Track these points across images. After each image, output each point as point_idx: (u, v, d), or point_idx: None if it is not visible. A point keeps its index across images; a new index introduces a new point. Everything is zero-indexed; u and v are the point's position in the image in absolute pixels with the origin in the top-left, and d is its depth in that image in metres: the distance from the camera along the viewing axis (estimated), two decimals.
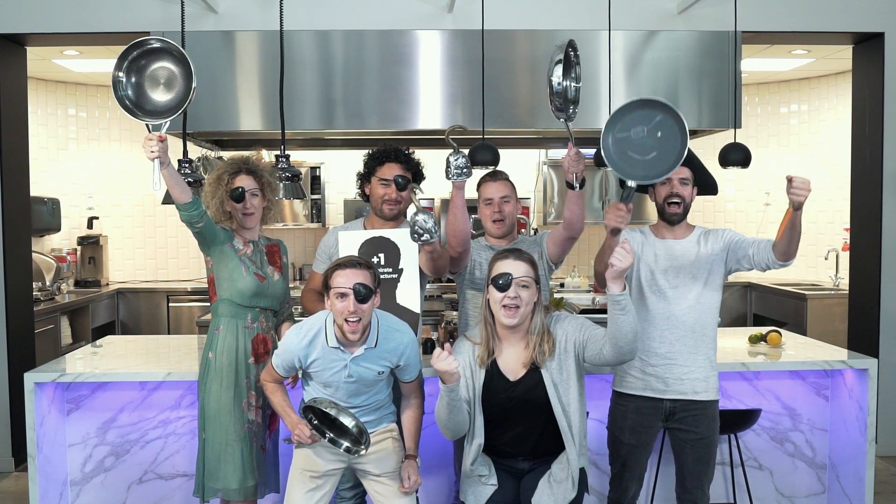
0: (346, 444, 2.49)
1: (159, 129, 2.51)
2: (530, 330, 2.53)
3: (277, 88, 3.31)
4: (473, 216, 3.96)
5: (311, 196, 6.45)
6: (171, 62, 2.58)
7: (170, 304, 6.23)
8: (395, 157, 2.99)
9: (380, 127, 4.17)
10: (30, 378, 3.08)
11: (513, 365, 2.54)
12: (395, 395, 2.75)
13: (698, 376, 2.69)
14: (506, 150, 3.48)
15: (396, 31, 4.16)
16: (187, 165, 3.24)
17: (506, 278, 2.48)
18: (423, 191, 2.76)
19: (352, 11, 4.29)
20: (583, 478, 2.56)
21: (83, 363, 3.35)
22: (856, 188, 4.74)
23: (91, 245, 6.43)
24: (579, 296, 5.67)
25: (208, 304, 2.97)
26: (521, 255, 2.55)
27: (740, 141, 3.52)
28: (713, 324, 2.74)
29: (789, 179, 2.42)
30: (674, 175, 2.70)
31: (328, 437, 2.49)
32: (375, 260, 2.88)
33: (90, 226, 6.53)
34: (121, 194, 6.76)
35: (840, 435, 3.43)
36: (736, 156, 3.44)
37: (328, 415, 2.43)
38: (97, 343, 3.82)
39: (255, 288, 2.83)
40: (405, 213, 3.08)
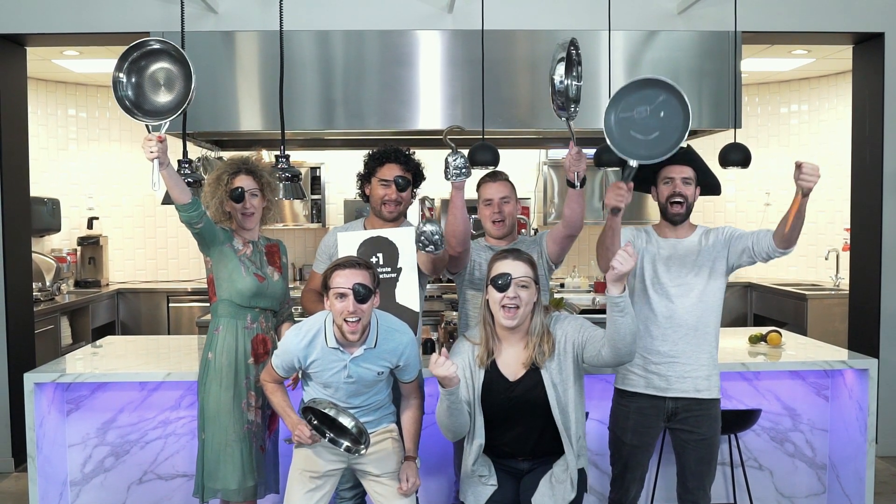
0: (346, 443, 2.49)
1: (159, 129, 2.52)
2: (530, 330, 2.53)
3: (277, 89, 3.31)
4: (473, 216, 3.95)
5: (312, 196, 6.45)
6: (170, 63, 2.59)
7: (170, 305, 6.23)
8: (396, 158, 2.99)
9: (380, 127, 4.17)
10: (30, 378, 3.08)
11: (512, 365, 2.54)
12: (395, 395, 2.75)
13: (700, 375, 2.69)
14: (506, 151, 3.47)
15: (396, 32, 4.15)
16: (187, 166, 3.24)
17: (505, 279, 2.47)
18: (432, 199, 2.75)
19: (352, 11, 4.29)
20: (582, 478, 2.55)
21: (83, 363, 3.35)
22: (856, 188, 4.74)
23: (91, 245, 6.43)
24: (579, 296, 5.67)
25: (208, 304, 2.97)
26: (520, 255, 2.55)
27: (740, 141, 3.52)
28: (716, 322, 2.73)
29: (798, 165, 2.40)
30: (677, 175, 2.70)
31: (328, 437, 2.49)
32: (374, 260, 2.88)
33: (90, 226, 6.53)
34: (121, 195, 6.76)
35: (840, 435, 3.43)
36: (736, 156, 3.44)
37: (328, 415, 2.43)
38: (97, 343, 3.82)
39: (255, 288, 2.83)
40: (405, 214, 3.08)
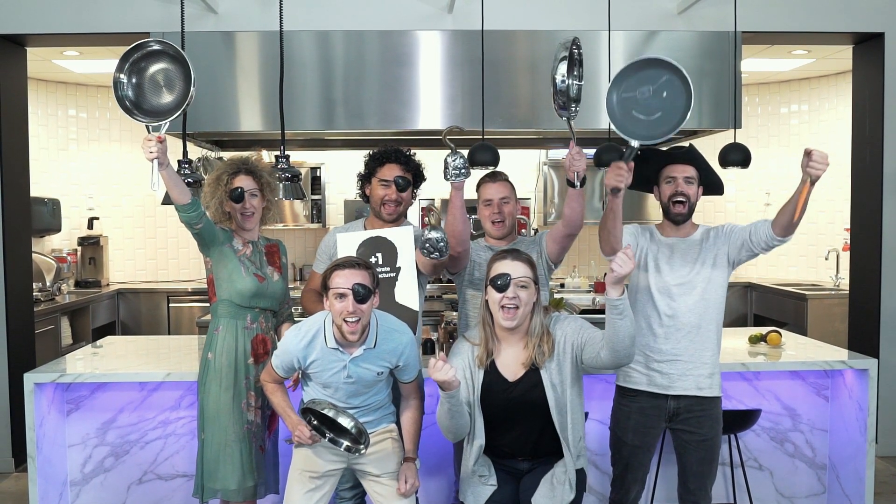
0: (345, 443, 2.49)
1: (158, 129, 2.51)
2: (529, 331, 2.53)
3: (277, 89, 3.31)
4: (473, 216, 3.94)
5: (312, 196, 6.45)
6: (170, 63, 2.59)
7: (170, 305, 6.23)
8: (396, 158, 2.99)
9: (380, 127, 4.17)
10: (29, 378, 3.08)
11: (511, 366, 2.54)
12: (395, 395, 2.74)
13: (703, 373, 2.69)
14: (506, 151, 3.47)
15: (396, 32, 4.15)
16: (187, 166, 3.24)
17: (504, 279, 2.47)
18: (438, 212, 2.74)
19: (352, 12, 4.29)
20: (581, 478, 2.55)
21: (83, 364, 3.35)
22: (856, 188, 4.73)
23: (91, 245, 6.43)
24: (579, 296, 5.67)
25: (208, 304, 2.96)
26: (519, 255, 2.54)
27: (741, 141, 3.52)
28: (718, 321, 2.73)
29: (808, 153, 2.40)
30: (679, 174, 2.70)
31: (328, 437, 2.49)
32: (373, 259, 2.88)
33: (90, 226, 6.53)
34: (121, 195, 6.76)
35: (840, 435, 3.43)
36: (736, 156, 3.44)
37: (327, 416, 2.43)
38: (97, 343, 3.83)
39: (255, 288, 2.83)
40: (405, 215, 3.08)
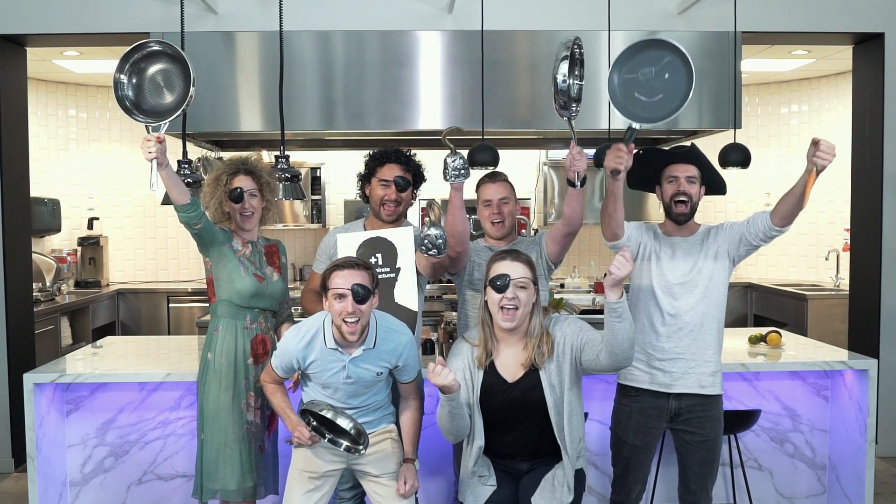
0: (345, 443, 2.49)
1: (158, 129, 2.52)
2: (529, 331, 2.52)
3: (277, 89, 3.31)
4: (473, 217, 3.94)
5: (312, 197, 6.45)
6: (170, 64, 2.59)
7: (170, 305, 6.23)
8: (396, 158, 2.99)
9: (380, 127, 4.17)
10: (29, 379, 3.08)
11: (511, 367, 2.53)
12: (395, 395, 2.74)
13: (706, 371, 2.69)
14: (506, 151, 3.47)
15: (396, 32, 4.15)
16: (187, 166, 3.24)
17: (503, 280, 2.47)
18: (438, 205, 2.74)
19: (352, 12, 4.29)
20: (580, 479, 2.55)
21: (83, 364, 3.35)
22: (856, 188, 4.73)
23: (91, 246, 6.43)
24: (579, 296, 5.67)
25: (208, 304, 2.96)
26: (518, 256, 2.54)
27: (741, 141, 3.53)
28: (720, 318, 2.73)
29: (816, 142, 2.39)
30: (681, 173, 2.70)
31: (327, 438, 2.49)
32: (373, 260, 2.88)
33: (90, 226, 6.53)
34: (121, 195, 6.76)
35: (840, 435, 3.43)
36: (736, 156, 3.44)
37: (325, 417, 2.43)
38: (97, 343, 3.83)
39: (254, 288, 2.83)
40: (405, 215, 3.07)
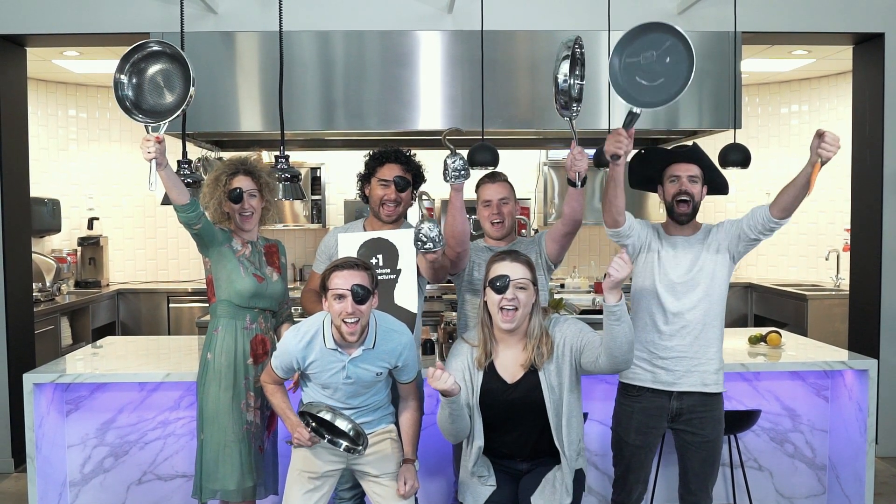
0: (345, 443, 2.48)
1: (157, 129, 2.51)
2: (528, 332, 2.52)
3: (277, 89, 3.31)
4: (472, 217, 3.93)
5: (312, 197, 6.44)
6: (170, 64, 2.59)
7: (170, 305, 6.22)
8: (395, 158, 2.99)
9: (380, 128, 4.16)
10: (29, 379, 3.08)
11: (510, 368, 2.53)
12: (395, 395, 2.74)
13: (709, 369, 2.69)
14: (506, 151, 3.47)
15: (396, 32, 4.15)
16: (186, 166, 3.24)
17: (503, 280, 2.47)
18: (431, 198, 2.74)
19: (352, 12, 4.29)
20: (579, 479, 2.55)
21: (83, 364, 3.35)
22: (856, 188, 4.73)
23: (91, 246, 6.42)
24: (579, 296, 5.66)
25: (208, 304, 2.96)
26: (517, 256, 2.54)
27: (741, 141, 3.52)
28: (721, 316, 2.74)
29: (821, 134, 2.40)
30: (683, 173, 2.70)
31: (327, 438, 2.49)
32: (374, 261, 2.87)
33: (90, 227, 6.53)
34: (121, 195, 6.76)
35: (840, 436, 3.42)
36: (735, 156, 3.44)
37: (324, 419, 2.43)
38: (97, 344, 3.82)
39: (254, 289, 2.83)
40: (405, 215, 3.07)
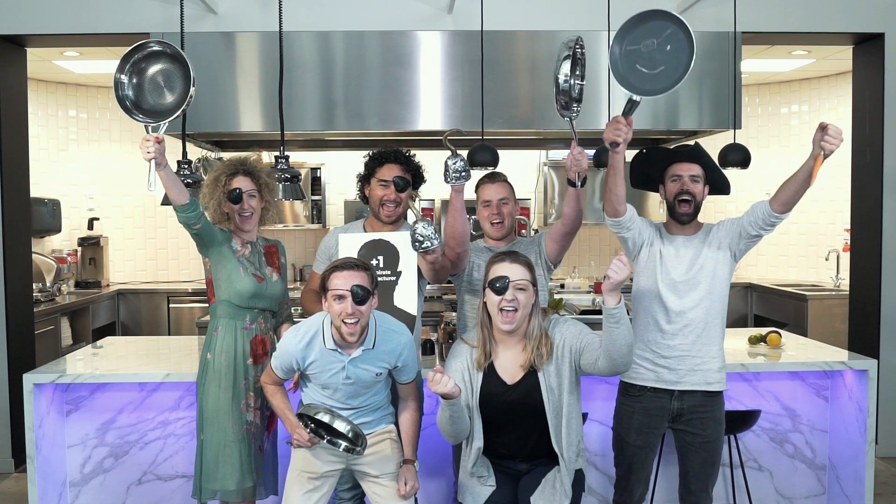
0: (344, 444, 2.49)
1: (157, 130, 2.51)
2: (528, 333, 2.52)
3: (277, 89, 3.31)
4: (472, 217, 3.94)
5: (312, 197, 6.44)
6: (171, 64, 2.59)
7: (170, 305, 6.22)
8: (395, 159, 2.99)
9: (380, 128, 4.17)
10: (29, 379, 3.08)
11: (510, 368, 2.53)
12: (394, 395, 2.74)
13: (712, 367, 2.69)
14: (506, 151, 3.47)
15: (396, 32, 4.15)
16: (186, 166, 3.24)
17: (503, 281, 2.46)
18: (419, 196, 2.74)
19: (352, 12, 4.29)
20: (579, 479, 2.56)
21: (83, 364, 3.35)
22: (856, 188, 4.73)
23: (91, 246, 6.43)
24: (579, 296, 5.67)
25: (208, 304, 2.96)
26: (517, 257, 2.54)
27: (741, 142, 3.53)
28: (723, 314, 2.74)
29: (824, 127, 2.39)
30: (684, 172, 2.70)
31: (326, 439, 2.50)
32: (374, 262, 2.87)
33: (90, 227, 6.53)
34: (121, 195, 6.76)
35: (840, 436, 3.42)
36: (735, 156, 3.45)
37: (323, 421, 2.43)
38: (97, 344, 3.83)
39: (254, 289, 2.83)
40: (405, 216, 3.07)
